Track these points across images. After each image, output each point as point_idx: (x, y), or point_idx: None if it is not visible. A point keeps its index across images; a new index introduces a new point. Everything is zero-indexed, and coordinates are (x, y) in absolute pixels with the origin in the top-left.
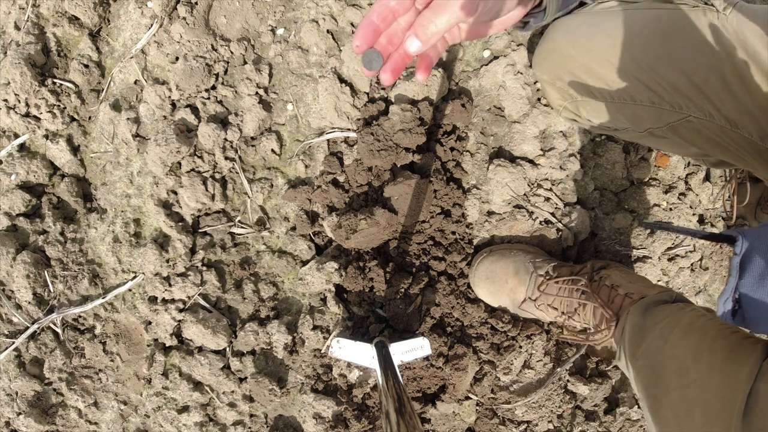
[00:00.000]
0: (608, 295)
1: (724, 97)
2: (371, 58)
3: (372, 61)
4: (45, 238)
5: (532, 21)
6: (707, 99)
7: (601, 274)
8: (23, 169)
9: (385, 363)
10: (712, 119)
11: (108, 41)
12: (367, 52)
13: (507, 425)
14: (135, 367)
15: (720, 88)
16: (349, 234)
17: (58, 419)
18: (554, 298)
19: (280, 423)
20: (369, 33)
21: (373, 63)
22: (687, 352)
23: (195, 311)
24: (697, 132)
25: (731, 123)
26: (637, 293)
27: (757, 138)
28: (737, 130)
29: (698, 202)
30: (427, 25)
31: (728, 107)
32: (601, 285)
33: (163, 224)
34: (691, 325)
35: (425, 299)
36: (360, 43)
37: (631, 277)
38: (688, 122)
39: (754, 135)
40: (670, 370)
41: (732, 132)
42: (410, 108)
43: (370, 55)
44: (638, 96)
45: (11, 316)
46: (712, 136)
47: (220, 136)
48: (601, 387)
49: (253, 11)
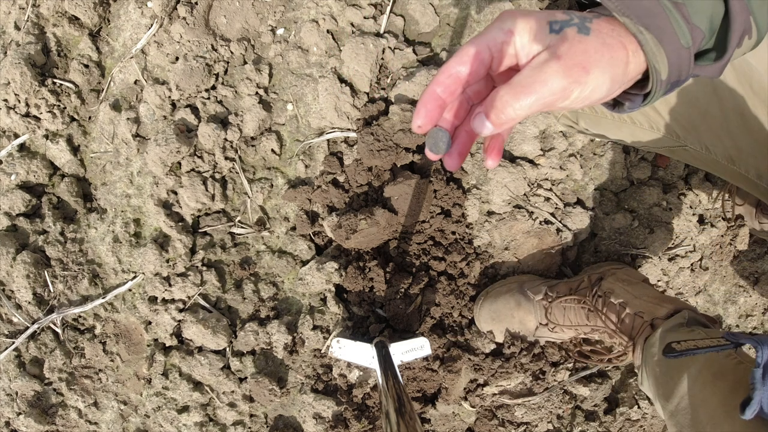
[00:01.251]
0: (617, 315)
1: (722, 134)
2: (437, 139)
3: (438, 143)
4: (45, 238)
5: (628, 105)
6: (704, 134)
7: (603, 288)
8: (23, 169)
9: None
10: (709, 152)
11: (108, 41)
12: (432, 132)
13: (506, 426)
14: (135, 367)
15: (718, 125)
16: (349, 234)
17: (58, 419)
18: (563, 319)
19: (280, 423)
20: (433, 110)
21: (439, 145)
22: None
23: (195, 311)
24: (694, 159)
25: (728, 159)
26: (647, 312)
27: (754, 176)
28: (734, 166)
29: (698, 202)
30: (504, 109)
31: (726, 144)
32: (607, 302)
33: (163, 224)
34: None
35: (425, 299)
36: (423, 123)
37: (634, 289)
38: (684, 150)
39: (751, 173)
40: (703, 416)
41: (728, 167)
42: (410, 108)
43: (436, 136)
44: (636, 118)
45: (11, 316)
46: (710, 165)
47: (220, 136)
48: (601, 387)
49: (253, 11)
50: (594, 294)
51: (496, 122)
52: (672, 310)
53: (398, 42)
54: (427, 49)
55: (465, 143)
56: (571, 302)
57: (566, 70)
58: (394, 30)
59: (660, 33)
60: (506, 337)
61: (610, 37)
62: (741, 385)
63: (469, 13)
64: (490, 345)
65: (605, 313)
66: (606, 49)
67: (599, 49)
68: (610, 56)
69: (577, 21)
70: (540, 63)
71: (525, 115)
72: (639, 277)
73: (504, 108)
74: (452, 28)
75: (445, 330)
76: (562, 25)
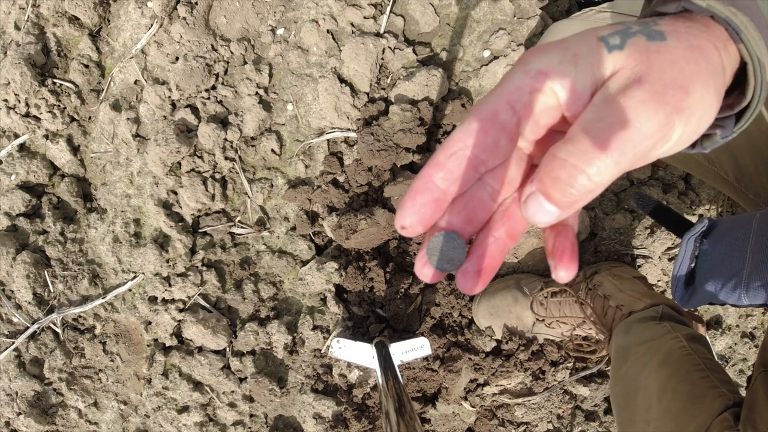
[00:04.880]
0: (602, 307)
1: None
2: (444, 251)
3: (447, 255)
4: (45, 238)
5: (720, 134)
6: None
7: (594, 281)
8: (23, 169)
9: (385, 363)
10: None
11: (108, 41)
12: (435, 240)
13: (506, 426)
14: (135, 367)
15: None
16: (349, 234)
17: (58, 419)
18: (559, 313)
19: (280, 423)
20: (427, 206)
21: (449, 257)
22: (656, 386)
23: (195, 311)
24: (676, 160)
25: (709, 160)
26: (627, 305)
27: (733, 179)
28: (714, 167)
29: (698, 201)
30: (574, 179)
31: None
32: (595, 295)
33: (163, 224)
34: (668, 357)
35: (425, 299)
36: (410, 224)
37: (622, 284)
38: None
39: (730, 176)
40: (640, 400)
41: (710, 168)
42: (410, 108)
43: (438, 245)
44: None
45: (11, 316)
46: (692, 166)
47: (220, 136)
48: (601, 387)
49: (253, 11)
50: (585, 287)
51: (562, 202)
52: (650, 305)
53: (398, 42)
54: (427, 49)
55: (493, 256)
56: (565, 296)
57: (658, 96)
58: (394, 30)
59: (752, 14)
60: (504, 333)
61: (694, 37)
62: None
63: (469, 13)
64: (490, 343)
65: (590, 304)
66: (697, 53)
67: (689, 55)
68: (706, 62)
69: (638, 28)
70: (612, 96)
71: (607, 183)
72: (633, 274)
73: (572, 178)
74: (452, 28)
75: (445, 330)
76: (623, 38)
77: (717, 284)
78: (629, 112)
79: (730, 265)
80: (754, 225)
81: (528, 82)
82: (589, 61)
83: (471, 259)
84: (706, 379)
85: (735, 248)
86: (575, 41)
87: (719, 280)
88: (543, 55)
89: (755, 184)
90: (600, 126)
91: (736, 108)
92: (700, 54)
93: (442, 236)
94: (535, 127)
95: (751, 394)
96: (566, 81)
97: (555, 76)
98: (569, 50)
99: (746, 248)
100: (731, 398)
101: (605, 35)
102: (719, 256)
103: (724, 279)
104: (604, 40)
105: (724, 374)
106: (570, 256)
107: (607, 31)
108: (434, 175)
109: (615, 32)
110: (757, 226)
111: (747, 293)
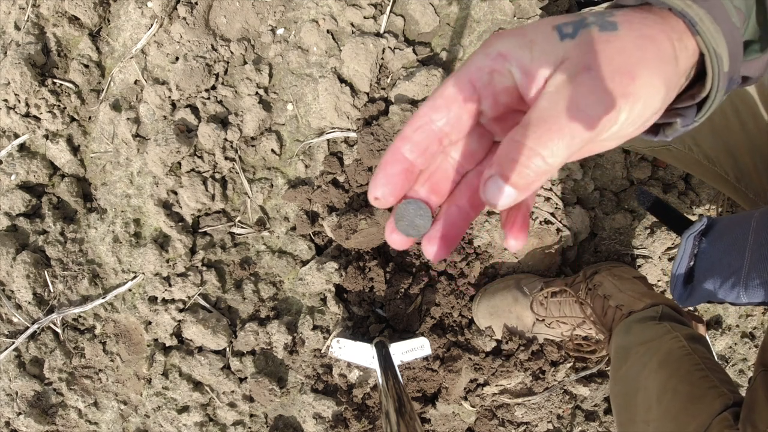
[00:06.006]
0: (602, 307)
1: (706, 132)
2: (410, 217)
3: (413, 222)
4: (45, 238)
5: (680, 122)
6: (687, 133)
7: (594, 281)
8: (23, 169)
9: (385, 363)
10: (692, 152)
11: (108, 41)
12: (401, 208)
13: (506, 426)
14: (135, 367)
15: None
16: (349, 234)
17: (58, 419)
18: (559, 313)
19: (280, 423)
20: (397, 176)
21: (415, 224)
22: (656, 386)
23: (195, 311)
24: (676, 159)
25: (709, 159)
26: (627, 305)
27: (733, 179)
28: (714, 167)
29: (698, 201)
30: (529, 161)
31: (708, 143)
32: (595, 295)
33: (163, 224)
34: (668, 357)
35: (425, 299)
36: (382, 194)
37: (622, 284)
38: (668, 150)
39: (730, 175)
40: (640, 400)
41: (710, 168)
42: (410, 108)
43: (405, 212)
44: None
45: (11, 316)
46: (692, 166)
47: (220, 136)
48: (601, 387)
49: (253, 11)
50: (585, 287)
51: (519, 184)
52: (649, 305)
53: (398, 42)
54: (427, 49)
55: (456, 224)
56: (565, 296)
57: (604, 82)
58: (394, 30)
59: (709, 7)
60: (504, 333)
61: (646, 27)
62: (680, 372)
63: (469, 13)
64: (490, 343)
65: (590, 304)
66: (648, 42)
67: (639, 43)
68: (655, 50)
69: (593, 19)
70: (562, 83)
71: (560, 164)
72: (633, 274)
73: (528, 160)
74: (452, 28)
75: (445, 330)
76: (575, 27)
77: (716, 282)
78: (578, 98)
79: (729, 263)
80: (753, 224)
81: (488, 63)
82: (542, 48)
83: (435, 225)
84: (705, 379)
85: (734, 247)
86: (533, 28)
87: (718, 278)
88: (503, 39)
89: (755, 184)
90: (553, 113)
91: (697, 98)
92: (650, 42)
93: (409, 204)
94: (494, 105)
95: (751, 394)
96: (522, 64)
97: (512, 59)
98: (527, 36)
99: (745, 247)
100: (731, 398)
101: (560, 24)
102: (718, 254)
103: (723, 277)
104: (558, 29)
105: (724, 374)
106: (520, 227)
107: (563, 21)
108: (402, 148)
109: (570, 22)
110: (756, 224)
111: (746, 291)
